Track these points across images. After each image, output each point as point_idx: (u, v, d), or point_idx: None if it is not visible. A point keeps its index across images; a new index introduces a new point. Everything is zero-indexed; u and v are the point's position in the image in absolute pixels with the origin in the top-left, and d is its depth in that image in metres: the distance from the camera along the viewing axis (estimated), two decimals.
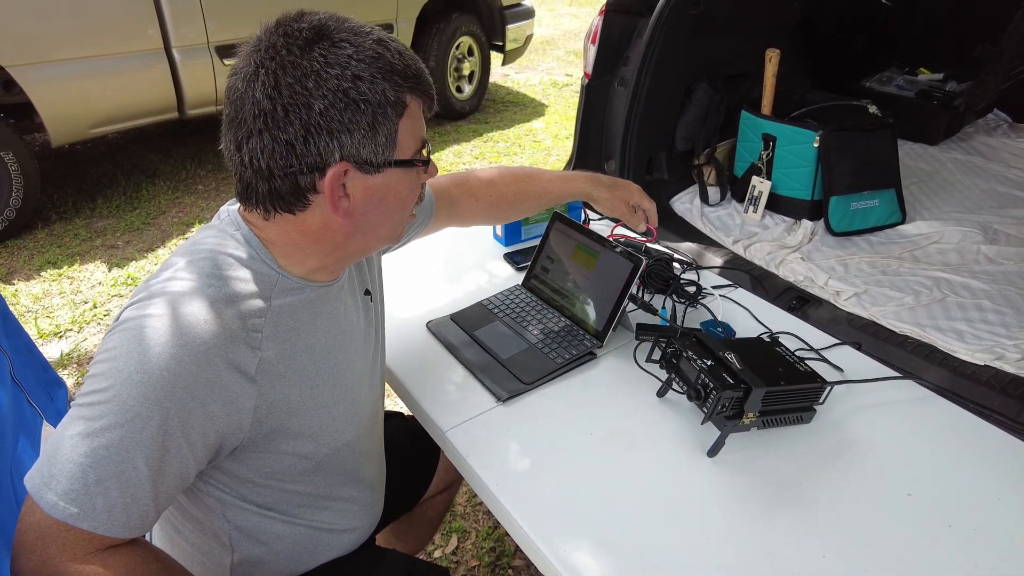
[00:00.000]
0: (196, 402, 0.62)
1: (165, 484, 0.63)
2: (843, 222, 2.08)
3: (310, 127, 0.62)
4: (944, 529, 0.80)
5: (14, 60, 2.51)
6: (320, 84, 0.61)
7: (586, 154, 2.13)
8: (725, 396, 0.85)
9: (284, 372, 0.70)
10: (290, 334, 0.71)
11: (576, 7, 8.15)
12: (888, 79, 2.92)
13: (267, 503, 0.77)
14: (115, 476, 0.59)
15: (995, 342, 1.53)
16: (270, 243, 0.70)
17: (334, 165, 0.64)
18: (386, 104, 0.64)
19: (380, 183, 0.68)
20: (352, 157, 0.65)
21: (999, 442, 0.94)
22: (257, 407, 0.68)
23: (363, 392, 0.84)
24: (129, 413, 0.59)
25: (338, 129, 0.63)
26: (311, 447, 0.76)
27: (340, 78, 0.62)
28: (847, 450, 0.92)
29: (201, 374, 0.62)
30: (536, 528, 0.79)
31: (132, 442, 0.59)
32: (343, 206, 0.67)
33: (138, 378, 0.59)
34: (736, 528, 0.79)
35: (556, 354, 1.07)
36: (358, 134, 0.64)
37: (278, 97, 0.61)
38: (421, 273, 1.33)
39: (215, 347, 0.63)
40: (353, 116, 0.63)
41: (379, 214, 0.71)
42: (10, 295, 2.50)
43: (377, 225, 0.72)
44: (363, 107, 0.63)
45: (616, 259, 1.11)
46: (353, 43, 0.63)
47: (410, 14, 3.80)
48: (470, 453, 0.89)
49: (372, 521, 0.95)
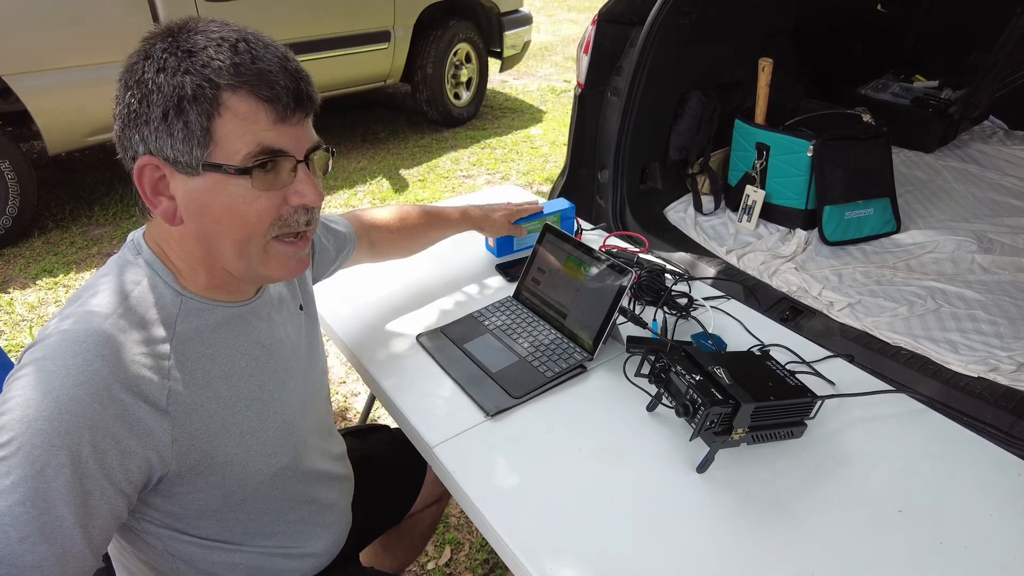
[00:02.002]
0: (108, 440, 0.59)
1: (97, 527, 0.59)
2: (837, 231, 2.08)
3: (125, 117, 0.63)
4: (935, 546, 0.79)
5: (10, 68, 2.51)
6: (131, 75, 0.62)
7: (580, 164, 2.13)
8: (713, 412, 0.85)
9: (200, 402, 0.67)
10: (203, 361, 0.68)
11: (575, 13, 8.18)
12: (883, 86, 2.93)
13: (208, 534, 0.74)
14: (38, 531, 0.55)
15: (989, 353, 1.52)
16: (167, 260, 0.69)
17: (140, 157, 0.63)
18: (182, 98, 0.60)
19: (201, 187, 0.63)
20: (159, 152, 0.63)
21: (992, 456, 0.93)
22: (175, 440, 0.65)
23: (298, 411, 0.80)
24: (39, 463, 0.55)
25: (136, 120, 0.62)
26: (241, 475, 0.72)
27: (145, 70, 0.61)
28: (838, 465, 0.91)
29: (106, 411, 0.59)
30: (522, 546, 0.78)
31: (48, 492, 0.56)
32: (162, 206, 0.65)
33: (39, 425, 0.56)
34: (725, 545, 0.79)
35: (546, 367, 1.06)
36: (152, 125, 0.61)
37: (121, 87, 0.63)
38: (412, 285, 1.33)
39: (115, 382, 0.60)
40: (145, 108, 0.61)
41: (210, 224, 0.65)
42: (5, 303, 2.49)
43: (219, 242, 0.66)
44: (155, 97, 0.61)
45: (607, 271, 1.11)
46: (193, 40, 0.61)
47: (408, 21, 3.80)
48: (457, 469, 0.89)
49: (336, 540, 0.92)
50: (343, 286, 1.29)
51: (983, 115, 2.98)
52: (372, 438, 1.20)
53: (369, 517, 1.08)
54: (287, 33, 3.26)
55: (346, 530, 0.96)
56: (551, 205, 1.44)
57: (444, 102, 4.23)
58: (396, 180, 3.64)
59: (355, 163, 3.84)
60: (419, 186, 3.58)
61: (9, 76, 2.51)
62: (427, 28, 3.96)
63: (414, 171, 3.77)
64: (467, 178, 3.71)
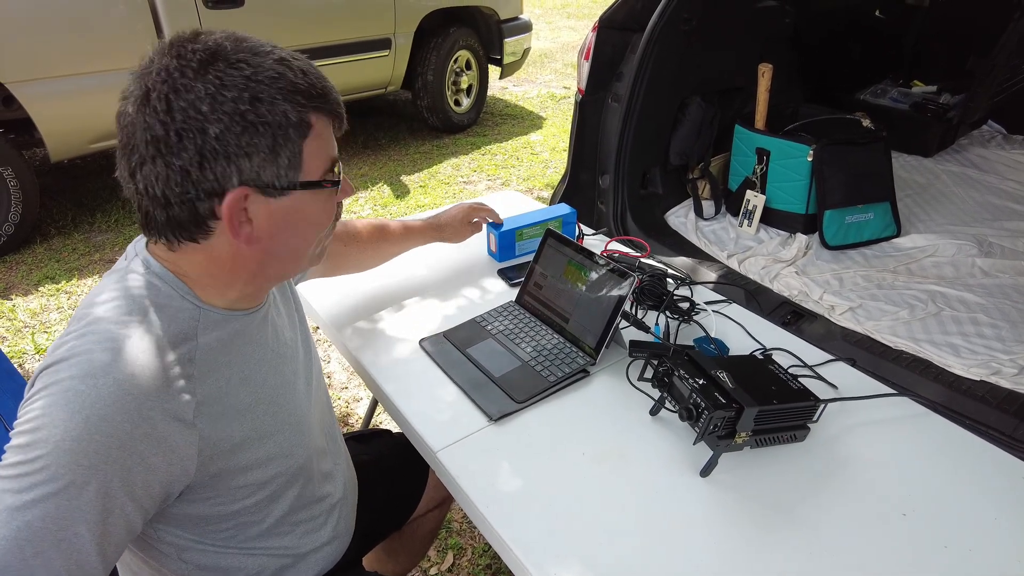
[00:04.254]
0: (135, 458, 0.59)
1: (112, 543, 0.60)
2: (838, 236, 2.08)
3: (205, 152, 0.59)
4: (939, 551, 0.79)
5: (13, 76, 2.52)
6: (215, 107, 0.59)
7: (580, 169, 2.14)
8: (717, 416, 0.85)
9: (222, 411, 0.68)
10: (223, 370, 0.69)
11: (574, 20, 8.22)
12: (882, 91, 2.94)
13: (223, 539, 0.75)
14: (54, 547, 0.55)
15: (991, 357, 1.52)
16: (185, 276, 0.67)
17: (233, 190, 0.61)
18: (287, 125, 0.62)
19: (286, 206, 0.65)
20: (252, 181, 0.62)
21: (995, 460, 0.93)
22: (200, 451, 0.65)
23: (307, 411, 0.82)
24: (63, 481, 0.55)
25: (235, 153, 0.60)
26: (262, 476, 0.74)
27: (237, 100, 0.59)
28: (841, 469, 0.91)
29: (136, 431, 0.59)
30: (526, 551, 0.78)
31: (70, 510, 0.56)
32: (245, 232, 0.64)
33: (68, 445, 0.55)
34: (729, 549, 0.79)
35: (549, 372, 1.06)
36: (257, 158, 0.61)
37: (171, 122, 0.58)
38: (415, 289, 1.33)
39: (147, 401, 0.60)
40: (252, 139, 0.60)
41: (290, 237, 0.68)
42: (7, 310, 2.50)
43: (292, 249, 0.69)
44: (262, 129, 0.60)
45: (609, 275, 1.11)
46: (251, 63, 0.60)
47: (408, 28, 3.82)
48: (461, 474, 0.89)
49: (340, 543, 0.93)
50: (345, 291, 1.30)
51: (981, 119, 2.99)
52: (375, 443, 1.20)
53: (372, 522, 1.08)
54: (288, 41, 3.27)
55: (349, 533, 0.96)
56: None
57: (445, 109, 4.24)
58: (397, 186, 3.65)
59: (356, 169, 3.85)
60: (420, 192, 3.59)
61: (12, 84, 2.52)
62: (428, 35, 3.98)
63: (415, 177, 3.78)
64: (468, 184, 3.72)
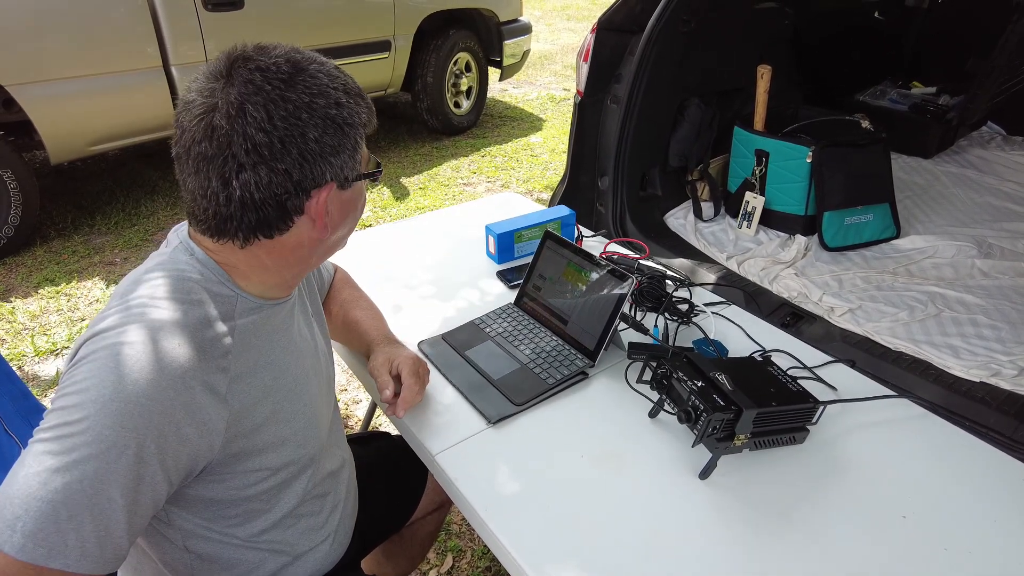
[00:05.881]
0: (172, 426, 0.62)
1: (139, 514, 0.62)
2: (837, 237, 2.08)
3: (306, 154, 0.66)
4: (939, 553, 0.79)
5: (13, 78, 2.52)
6: (312, 114, 0.65)
7: (580, 171, 2.14)
8: (715, 418, 0.85)
9: (249, 389, 0.71)
10: (253, 352, 0.73)
11: (574, 22, 8.23)
12: (881, 93, 2.94)
13: (230, 528, 0.77)
14: (88, 510, 0.58)
15: (990, 358, 1.52)
16: (227, 265, 0.72)
17: (324, 186, 0.68)
18: (360, 124, 0.70)
19: (351, 196, 0.73)
20: (338, 177, 0.69)
21: (994, 461, 0.93)
22: (228, 427, 0.68)
23: (321, 407, 0.85)
24: (106, 443, 0.58)
25: (330, 152, 0.67)
26: (276, 461, 0.76)
27: (327, 106, 0.66)
28: (841, 471, 0.91)
29: (178, 398, 0.63)
30: (525, 555, 0.78)
31: (108, 473, 0.58)
32: (323, 223, 0.71)
33: (115, 406, 0.59)
34: (728, 552, 0.78)
35: (548, 374, 1.06)
36: (344, 154, 0.69)
37: (273, 131, 0.64)
38: (413, 291, 1.33)
39: (191, 371, 0.64)
40: (341, 140, 0.68)
41: (348, 225, 0.76)
42: (7, 312, 2.50)
43: (342, 235, 0.77)
44: (347, 130, 0.68)
45: (607, 277, 1.11)
46: (322, 71, 0.68)
47: (408, 30, 3.83)
48: (459, 477, 0.89)
49: (339, 544, 0.93)
50: None
51: (981, 121, 2.99)
52: (374, 445, 1.20)
53: (371, 524, 1.07)
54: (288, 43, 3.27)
55: (348, 535, 0.96)
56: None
57: (444, 111, 4.24)
58: (397, 188, 3.65)
59: None
60: (420, 194, 3.59)
61: (12, 86, 2.52)
62: (427, 37, 3.98)
63: (415, 179, 3.78)
64: (467, 186, 3.73)
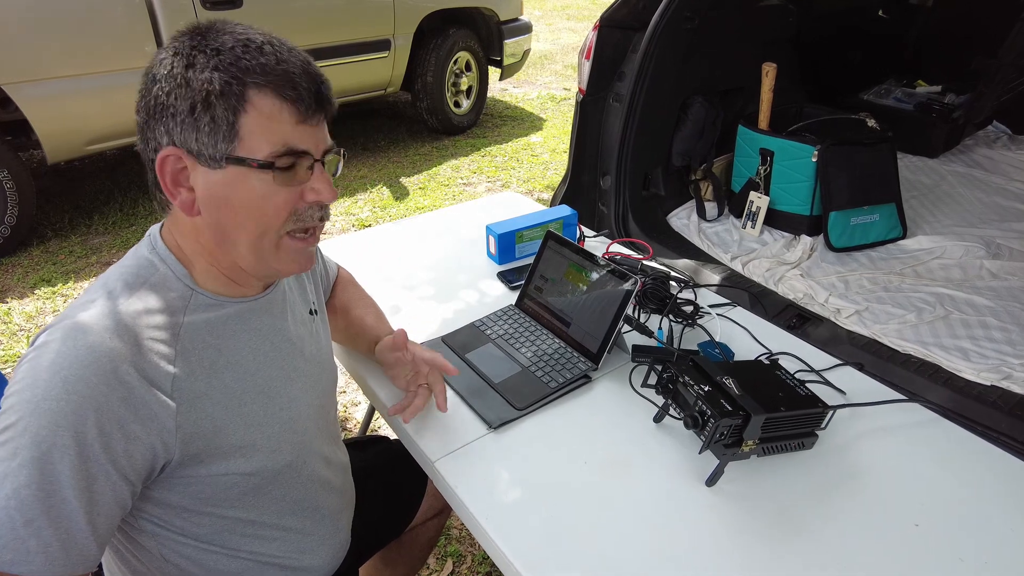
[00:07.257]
0: (113, 423, 0.60)
1: (102, 515, 0.61)
2: (843, 237, 2.05)
3: (151, 111, 0.65)
4: (955, 563, 0.77)
5: (9, 78, 2.50)
6: (159, 69, 0.65)
7: (582, 170, 2.11)
8: (723, 424, 0.82)
9: (206, 390, 0.69)
10: (209, 351, 0.70)
11: (574, 22, 8.21)
12: (886, 92, 2.91)
13: (206, 534, 0.74)
14: (44, 514, 0.57)
15: (1001, 361, 1.49)
16: (184, 257, 0.71)
17: (163, 149, 0.65)
18: (210, 92, 0.63)
19: (221, 180, 0.66)
20: (184, 144, 0.65)
21: (1010, 468, 0.90)
22: (179, 427, 0.66)
23: (304, 412, 0.81)
24: (45, 444, 0.57)
25: (161, 113, 0.64)
26: (245, 466, 0.73)
27: (174, 65, 0.64)
28: (851, 477, 0.88)
29: (112, 393, 0.61)
30: (526, 564, 0.75)
31: (53, 474, 0.57)
32: (181, 196, 0.67)
33: (46, 406, 0.57)
34: (736, 561, 0.76)
35: (550, 378, 1.04)
36: (179, 117, 0.64)
37: (145, 89, 0.66)
38: (412, 292, 1.30)
39: (123, 363, 0.62)
40: (175, 101, 0.64)
41: (230, 220, 0.68)
42: (3, 313, 2.47)
43: (235, 234, 0.69)
44: (185, 91, 0.63)
45: (610, 278, 1.08)
46: (214, 39, 0.65)
47: (408, 30, 3.81)
48: (459, 484, 0.86)
49: (334, 555, 0.91)
50: None
51: (987, 120, 2.97)
52: (372, 450, 1.17)
53: (369, 530, 1.05)
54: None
55: (344, 547, 0.94)
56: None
57: (444, 110, 4.22)
58: (396, 188, 3.63)
59: (356, 171, 3.83)
60: (420, 194, 3.57)
61: (8, 85, 2.50)
62: (427, 37, 3.96)
63: (415, 179, 3.76)
64: (467, 186, 3.70)
